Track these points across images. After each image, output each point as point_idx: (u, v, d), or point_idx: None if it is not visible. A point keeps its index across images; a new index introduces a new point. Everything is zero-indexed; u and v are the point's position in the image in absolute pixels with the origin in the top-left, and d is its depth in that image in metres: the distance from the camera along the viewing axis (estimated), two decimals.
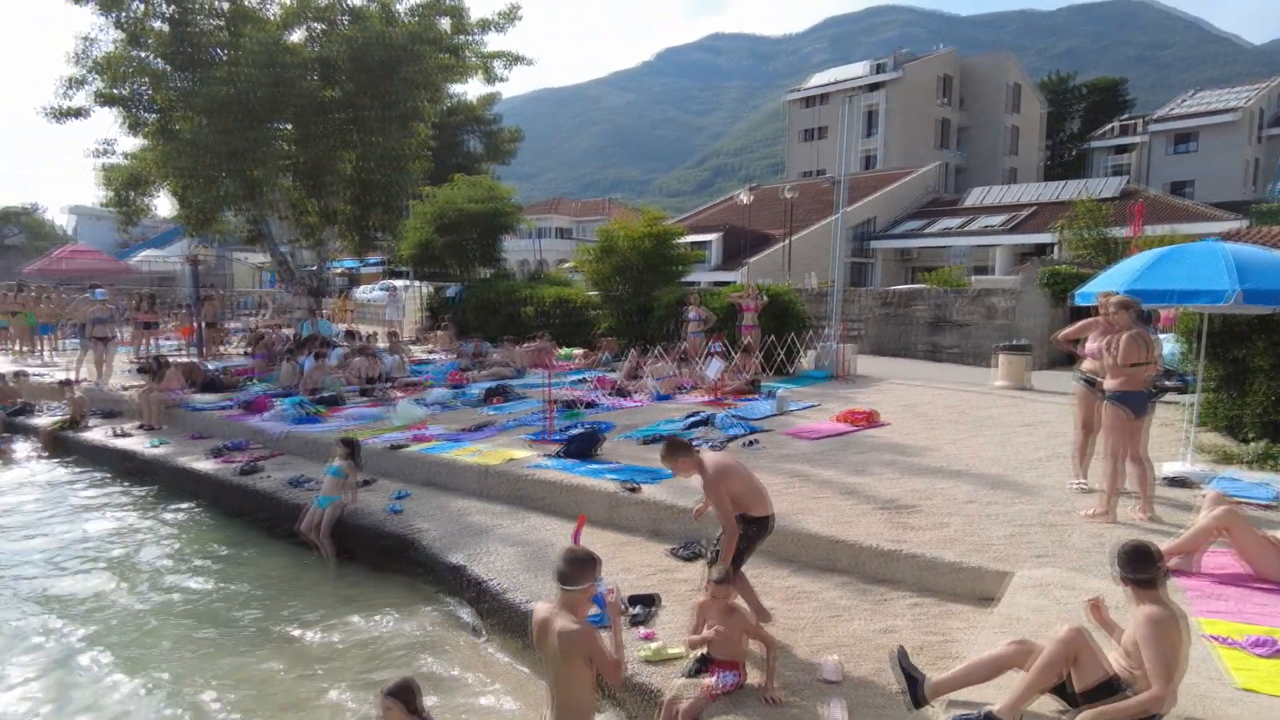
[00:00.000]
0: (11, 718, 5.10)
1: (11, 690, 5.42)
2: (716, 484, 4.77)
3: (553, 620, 3.56)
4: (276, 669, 5.69)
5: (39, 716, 5.12)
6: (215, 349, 18.76)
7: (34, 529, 8.77)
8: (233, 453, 10.28)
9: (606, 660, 3.56)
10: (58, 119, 15.71)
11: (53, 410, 13.39)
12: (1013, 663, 3.76)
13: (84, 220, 60.83)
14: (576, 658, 3.51)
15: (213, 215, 17.47)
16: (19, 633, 6.27)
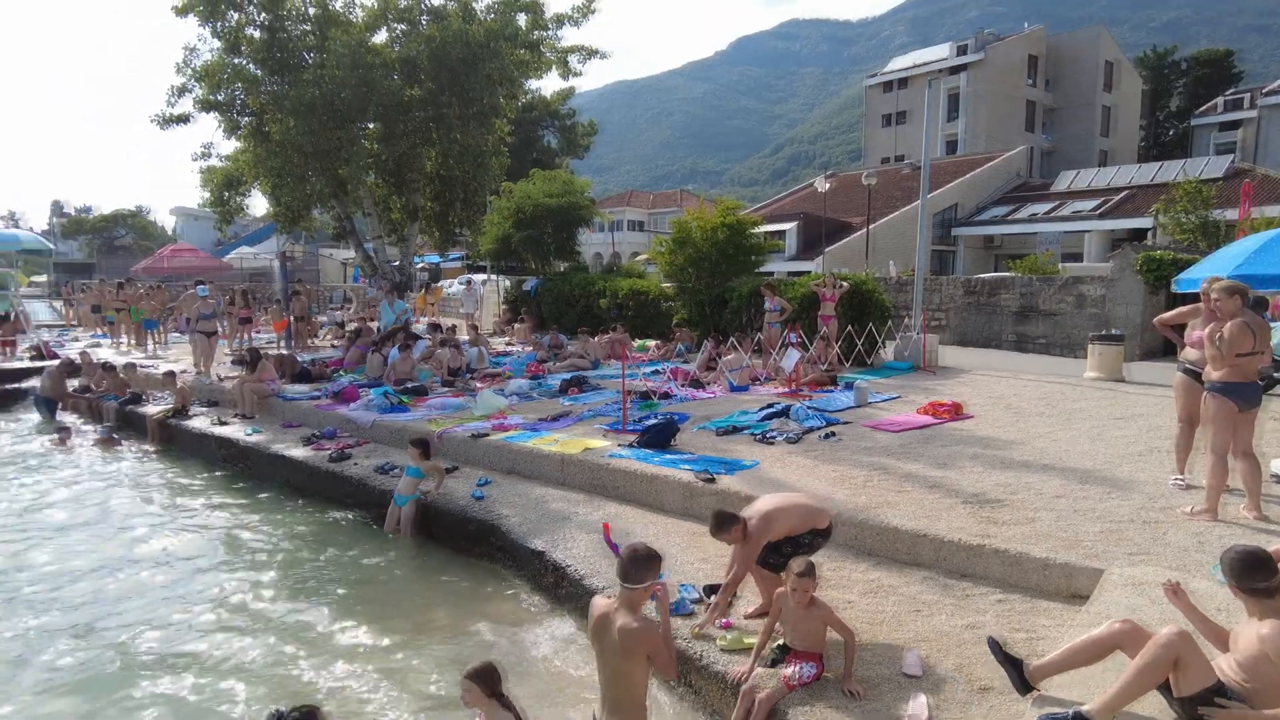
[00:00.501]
0: (136, 667, 5.46)
1: (138, 648, 5.81)
2: (748, 558, 4.84)
3: (614, 616, 3.59)
4: (362, 646, 5.93)
5: (167, 671, 5.48)
6: (306, 342, 19.57)
7: (137, 515, 9.35)
8: (324, 440, 10.73)
9: (664, 657, 3.59)
10: (164, 126, 16.64)
11: (160, 399, 14.22)
12: (1119, 643, 3.57)
13: (186, 220, 64.20)
14: (638, 654, 3.54)
15: (303, 213, 18.22)
16: (140, 594, 6.71)
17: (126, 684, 5.47)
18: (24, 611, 6.60)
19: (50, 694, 5.36)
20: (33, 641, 6.08)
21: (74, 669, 5.68)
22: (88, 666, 5.71)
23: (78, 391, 15.30)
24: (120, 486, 10.40)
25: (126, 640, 6.07)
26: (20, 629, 6.28)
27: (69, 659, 5.81)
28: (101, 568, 7.51)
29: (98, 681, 5.51)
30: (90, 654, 5.87)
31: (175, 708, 5.18)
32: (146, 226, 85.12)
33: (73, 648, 5.97)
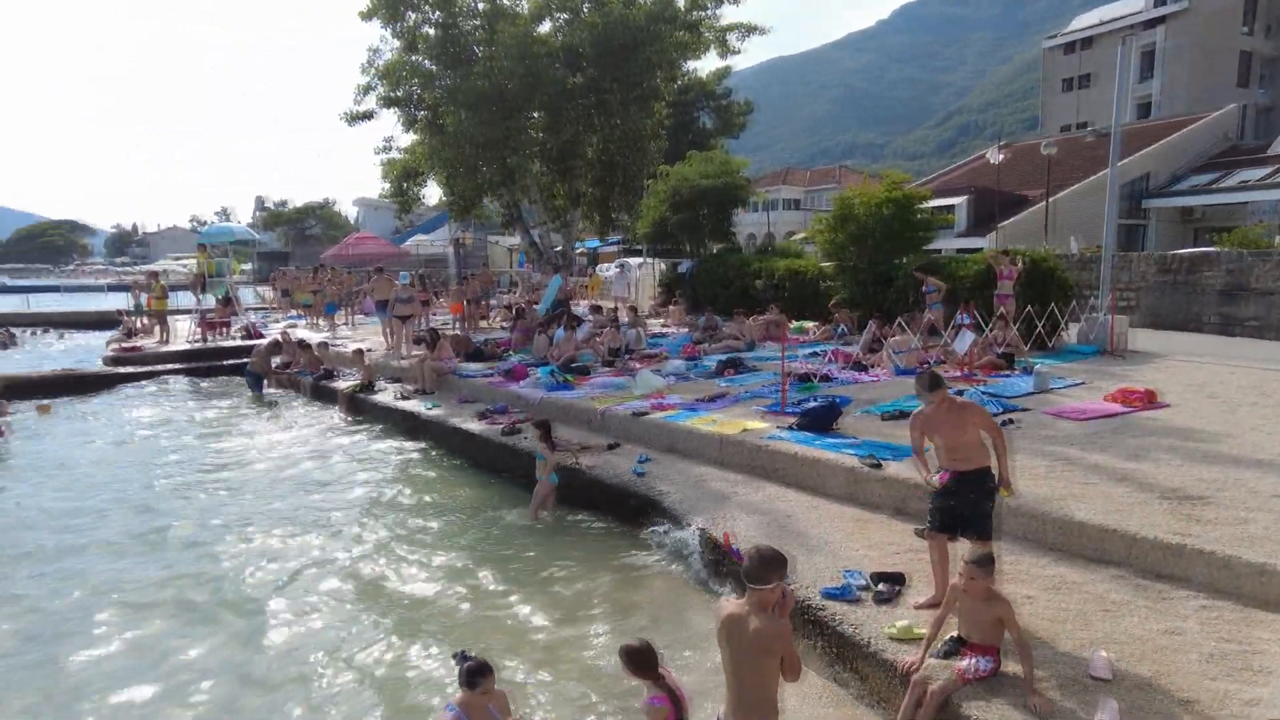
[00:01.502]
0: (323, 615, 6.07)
1: (331, 602, 6.45)
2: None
3: (746, 618, 3.57)
4: (523, 612, 6.27)
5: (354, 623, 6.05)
6: (478, 323, 20.70)
7: (326, 476, 10.28)
8: (496, 415, 11.35)
9: (795, 659, 3.56)
10: (351, 122, 18.06)
11: (349, 375, 15.52)
12: None
13: (368, 210, 69.22)
14: (773, 654, 3.52)
15: (474, 201, 19.24)
16: (332, 555, 7.42)
17: (327, 621, 6.07)
18: (253, 542, 7.46)
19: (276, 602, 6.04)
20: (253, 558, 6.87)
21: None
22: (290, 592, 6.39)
23: (280, 367, 16.97)
24: (321, 454, 11.48)
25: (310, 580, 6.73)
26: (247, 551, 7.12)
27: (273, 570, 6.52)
28: (299, 517, 8.36)
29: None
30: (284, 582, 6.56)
31: (361, 642, 5.70)
32: (333, 217, 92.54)
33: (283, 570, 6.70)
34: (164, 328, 21.70)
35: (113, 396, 16.21)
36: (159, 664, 5.65)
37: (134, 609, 6.51)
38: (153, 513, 8.91)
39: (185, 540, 8.05)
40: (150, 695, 5.25)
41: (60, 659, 5.73)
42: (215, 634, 6.08)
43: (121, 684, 5.39)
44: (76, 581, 7.02)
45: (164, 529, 8.36)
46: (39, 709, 5.15)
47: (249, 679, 5.45)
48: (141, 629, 6.18)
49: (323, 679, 5.39)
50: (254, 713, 5.05)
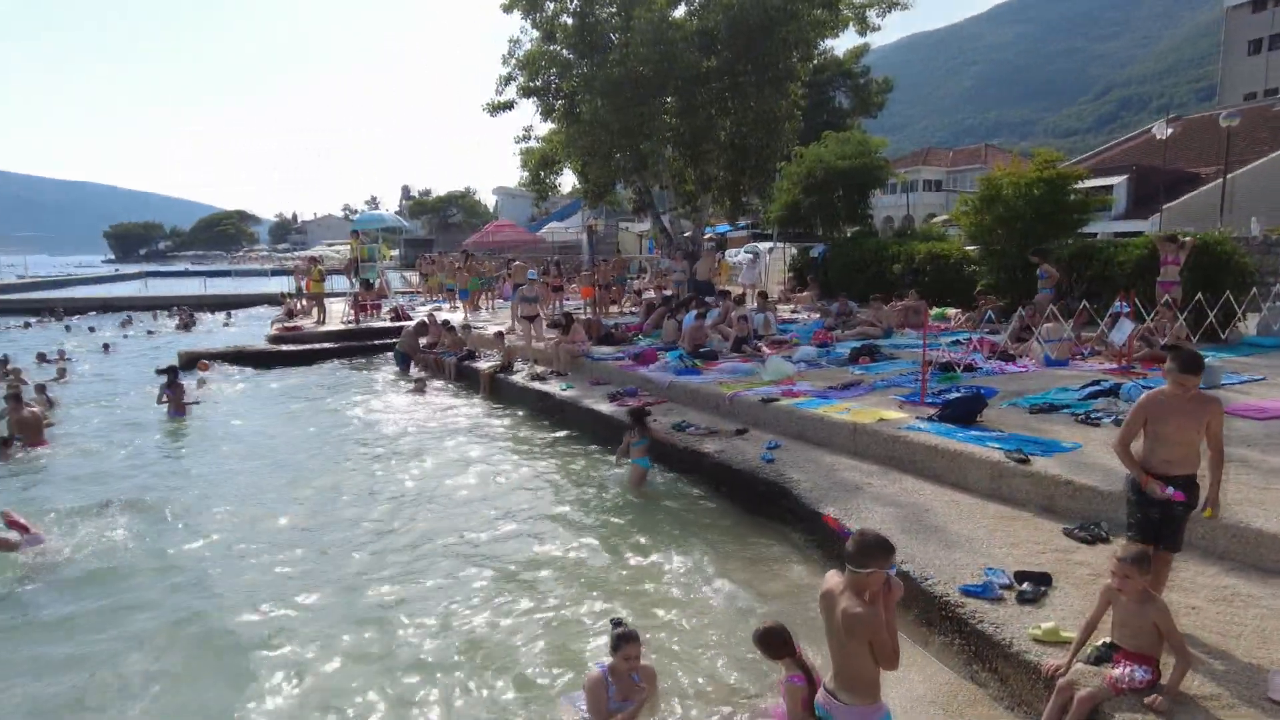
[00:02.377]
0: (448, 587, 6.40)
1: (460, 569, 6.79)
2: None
3: (838, 596, 3.55)
4: (658, 590, 6.36)
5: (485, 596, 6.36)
6: (608, 308, 21.08)
7: (470, 451, 10.76)
8: (626, 397, 11.55)
9: (886, 647, 3.47)
10: (493, 113, 18.72)
11: (489, 356, 16.20)
12: None
13: (505, 199, 71.70)
14: (858, 638, 3.48)
15: (607, 188, 19.56)
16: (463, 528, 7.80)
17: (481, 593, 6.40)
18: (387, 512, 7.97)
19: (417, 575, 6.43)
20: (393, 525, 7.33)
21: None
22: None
23: (425, 348, 17.90)
24: (463, 430, 12.06)
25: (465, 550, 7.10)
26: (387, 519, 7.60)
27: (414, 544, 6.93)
28: (441, 490, 8.82)
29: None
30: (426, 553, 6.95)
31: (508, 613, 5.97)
32: (473, 205, 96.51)
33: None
34: (321, 309, 23.34)
35: (276, 371, 17.64)
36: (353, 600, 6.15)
37: (343, 566, 7.10)
38: (308, 477, 9.67)
39: (342, 502, 8.68)
40: (361, 631, 5.72)
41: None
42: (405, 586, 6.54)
43: (356, 626, 5.90)
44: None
45: (323, 491, 9.05)
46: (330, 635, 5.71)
47: (448, 625, 5.83)
48: (348, 582, 6.73)
49: (477, 622, 5.70)
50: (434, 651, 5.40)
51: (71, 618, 6.24)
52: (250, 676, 5.33)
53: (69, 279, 61.19)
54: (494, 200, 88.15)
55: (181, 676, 5.40)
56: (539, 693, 5.01)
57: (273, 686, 5.22)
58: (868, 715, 3.64)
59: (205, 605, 6.41)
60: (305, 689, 5.18)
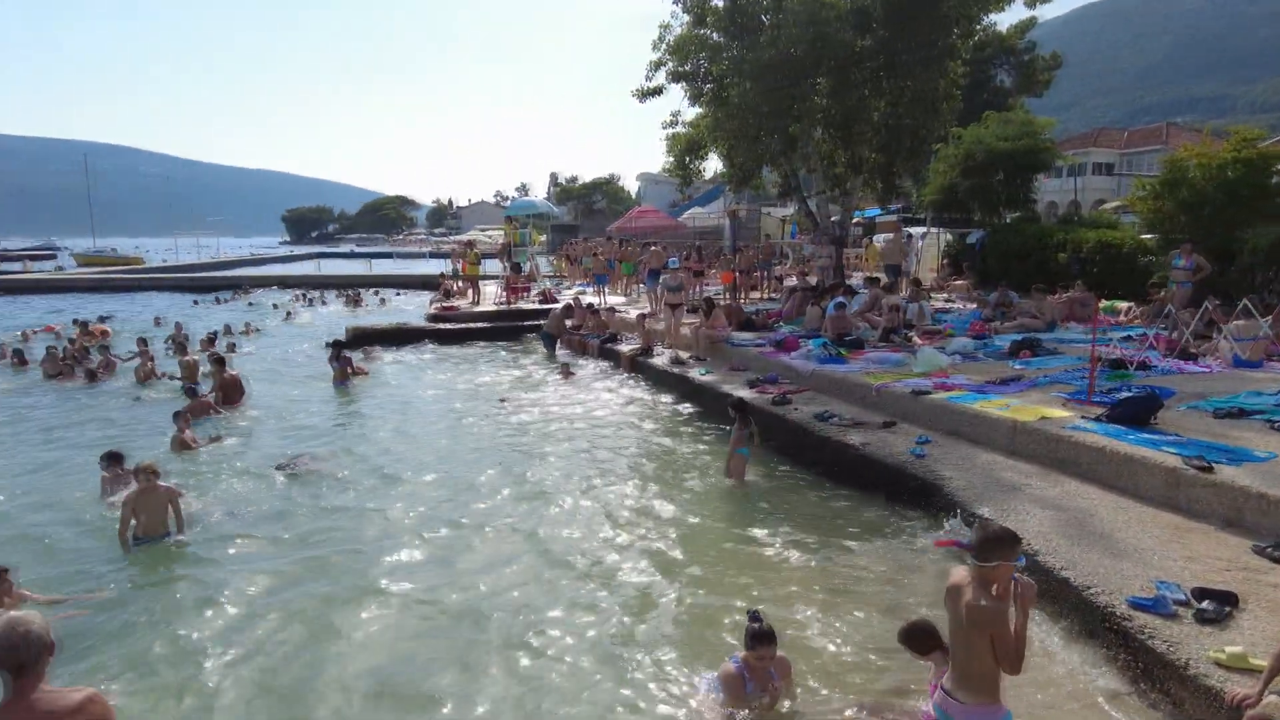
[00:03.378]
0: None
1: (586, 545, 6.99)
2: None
3: (964, 589, 3.46)
4: (783, 580, 6.30)
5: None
6: (749, 293, 20.94)
7: (609, 431, 11.01)
8: (766, 385, 11.47)
9: (1008, 647, 3.33)
10: (643, 99, 18.94)
11: (631, 340, 16.51)
12: None
13: (648, 184, 72.38)
14: (980, 631, 3.39)
15: (753, 172, 19.37)
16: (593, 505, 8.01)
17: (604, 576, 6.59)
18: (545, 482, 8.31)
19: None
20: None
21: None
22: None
23: (571, 330, 18.45)
24: (604, 410, 12.38)
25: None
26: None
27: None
28: (594, 467, 9.11)
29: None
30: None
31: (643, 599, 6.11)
32: (617, 191, 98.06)
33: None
34: (475, 291, 24.50)
35: (433, 348, 18.73)
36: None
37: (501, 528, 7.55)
38: (458, 449, 10.24)
39: (485, 476, 9.13)
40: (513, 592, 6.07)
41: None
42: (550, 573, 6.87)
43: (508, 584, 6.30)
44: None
45: (470, 463, 9.56)
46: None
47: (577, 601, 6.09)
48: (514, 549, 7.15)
49: (619, 602, 5.88)
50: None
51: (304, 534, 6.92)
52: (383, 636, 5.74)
53: (253, 259, 67.27)
54: (637, 186, 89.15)
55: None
56: (673, 676, 5.08)
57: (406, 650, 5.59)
58: (987, 716, 3.51)
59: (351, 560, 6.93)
60: (429, 662, 5.40)
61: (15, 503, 8.58)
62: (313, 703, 4.92)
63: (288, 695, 5.00)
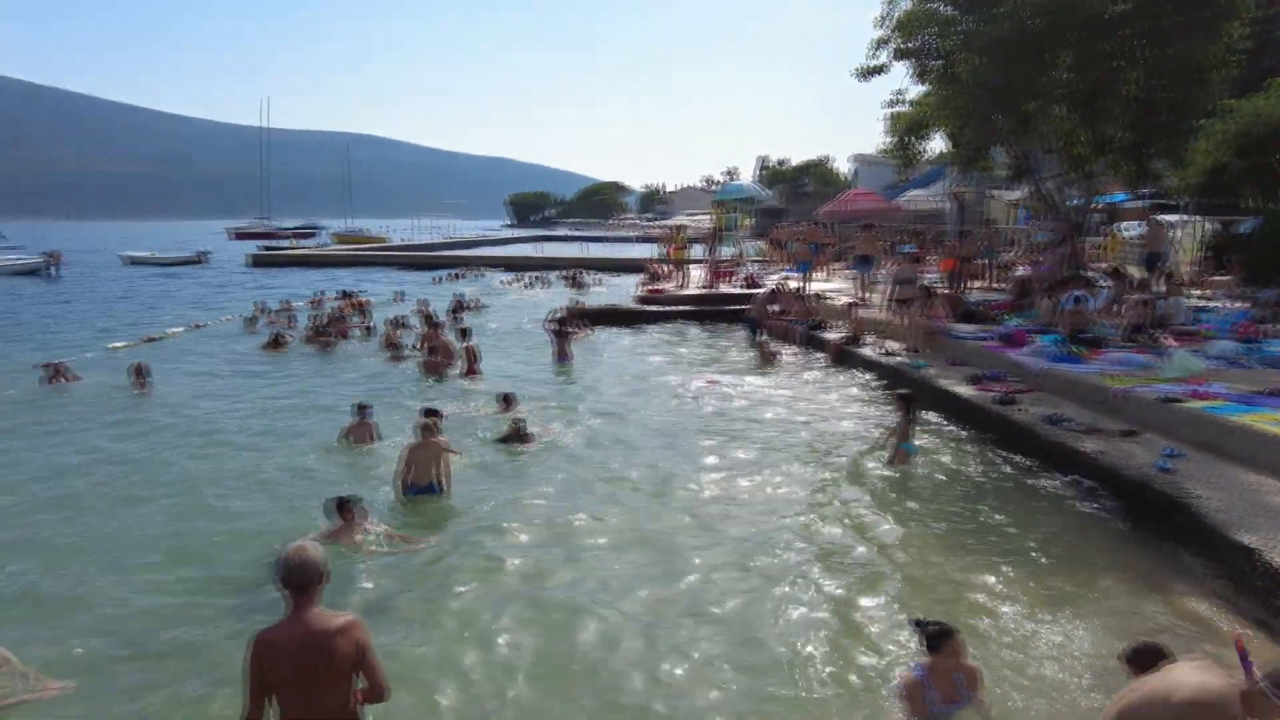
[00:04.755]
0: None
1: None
2: None
3: (1227, 705, 2.98)
4: (1015, 591, 5.89)
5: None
6: (970, 283, 19.64)
7: (808, 420, 10.81)
8: (989, 382, 10.75)
9: None
10: (864, 78, 18.20)
11: (838, 327, 16.09)
12: None
13: (863, 167, 69.66)
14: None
15: (981, 153, 18.08)
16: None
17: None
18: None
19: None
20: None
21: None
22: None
23: (775, 315, 18.27)
24: (805, 399, 12.19)
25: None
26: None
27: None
28: (783, 455, 9.03)
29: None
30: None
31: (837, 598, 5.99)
32: (827, 174, 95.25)
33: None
34: (683, 274, 24.94)
35: (641, 328, 19.34)
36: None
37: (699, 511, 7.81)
38: (663, 427, 10.52)
39: (683, 459, 9.32)
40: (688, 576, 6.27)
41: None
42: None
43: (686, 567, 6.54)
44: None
45: (671, 441, 9.80)
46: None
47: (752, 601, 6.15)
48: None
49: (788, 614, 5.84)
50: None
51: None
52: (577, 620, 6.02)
53: (481, 240, 72.73)
54: (849, 168, 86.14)
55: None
56: (853, 683, 4.94)
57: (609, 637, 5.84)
58: None
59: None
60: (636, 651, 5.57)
61: (291, 442, 9.95)
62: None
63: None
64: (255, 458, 9.48)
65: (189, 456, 9.52)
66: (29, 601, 6.00)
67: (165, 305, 27.41)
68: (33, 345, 17.92)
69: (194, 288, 33.95)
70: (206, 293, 31.97)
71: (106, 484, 8.54)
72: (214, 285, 35.15)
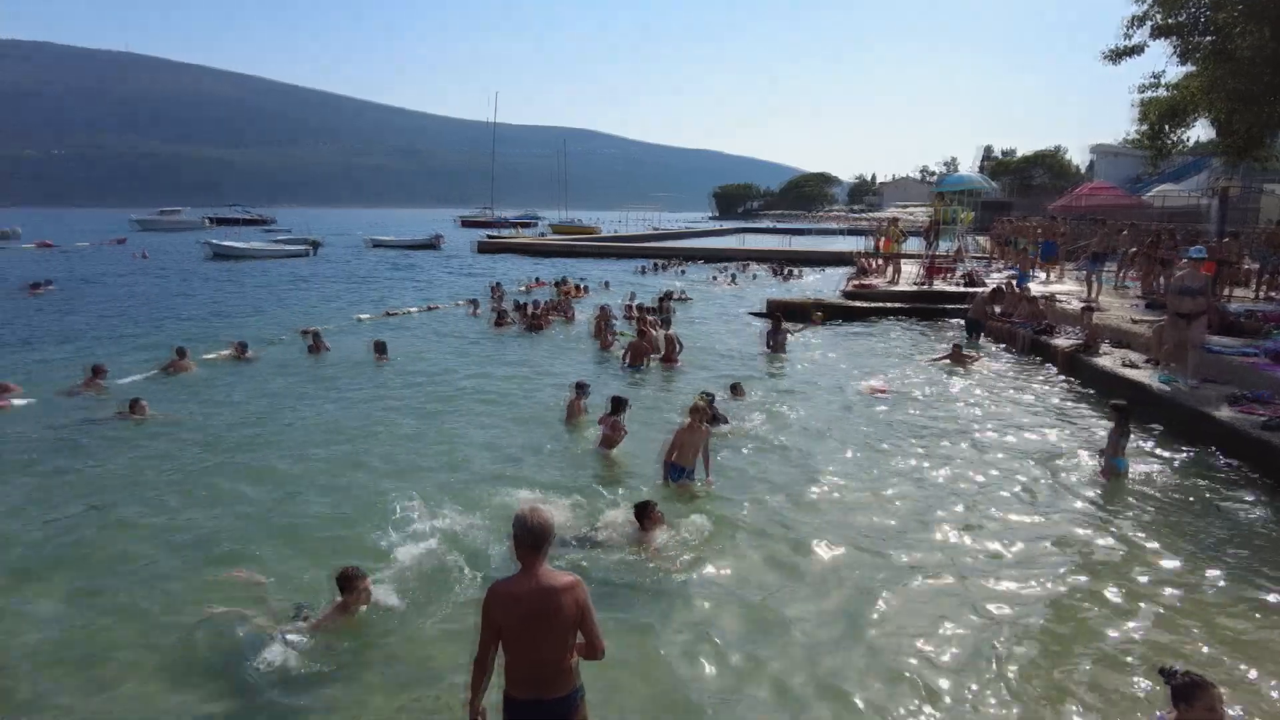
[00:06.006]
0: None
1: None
2: None
3: None
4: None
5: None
6: (1231, 290, 17.26)
7: (1039, 438, 9.97)
8: (1253, 404, 9.43)
9: None
10: (1115, 60, 16.47)
11: (1070, 333, 14.73)
12: None
13: (1102, 158, 63.16)
14: None
15: (1258, 140, 15.80)
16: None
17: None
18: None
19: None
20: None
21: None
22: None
23: (998, 316, 17.05)
24: (1033, 412, 11.32)
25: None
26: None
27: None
28: (1002, 478, 8.43)
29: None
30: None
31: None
32: (1061, 166, 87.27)
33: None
34: (895, 269, 23.93)
35: (849, 324, 18.81)
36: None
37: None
38: (881, 430, 10.18)
39: (902, 474, 8.96)
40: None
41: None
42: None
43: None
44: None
45: (882, 449, 9.47)
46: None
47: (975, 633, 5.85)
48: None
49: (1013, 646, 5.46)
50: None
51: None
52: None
53: (685, 232, 73.89)
54: (1087, 159, 78.33)
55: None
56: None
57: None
58: None
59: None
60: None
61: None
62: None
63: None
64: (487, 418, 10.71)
65: (418, 415, 10.69)
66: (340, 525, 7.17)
67: (404, 284, 30.40)
68: (297, 313, 20.80)
69: (428, 269, 37.30)
70: (438, 274, 35.07)
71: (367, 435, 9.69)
72: (445, 268, 38.41)
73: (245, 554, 6.56)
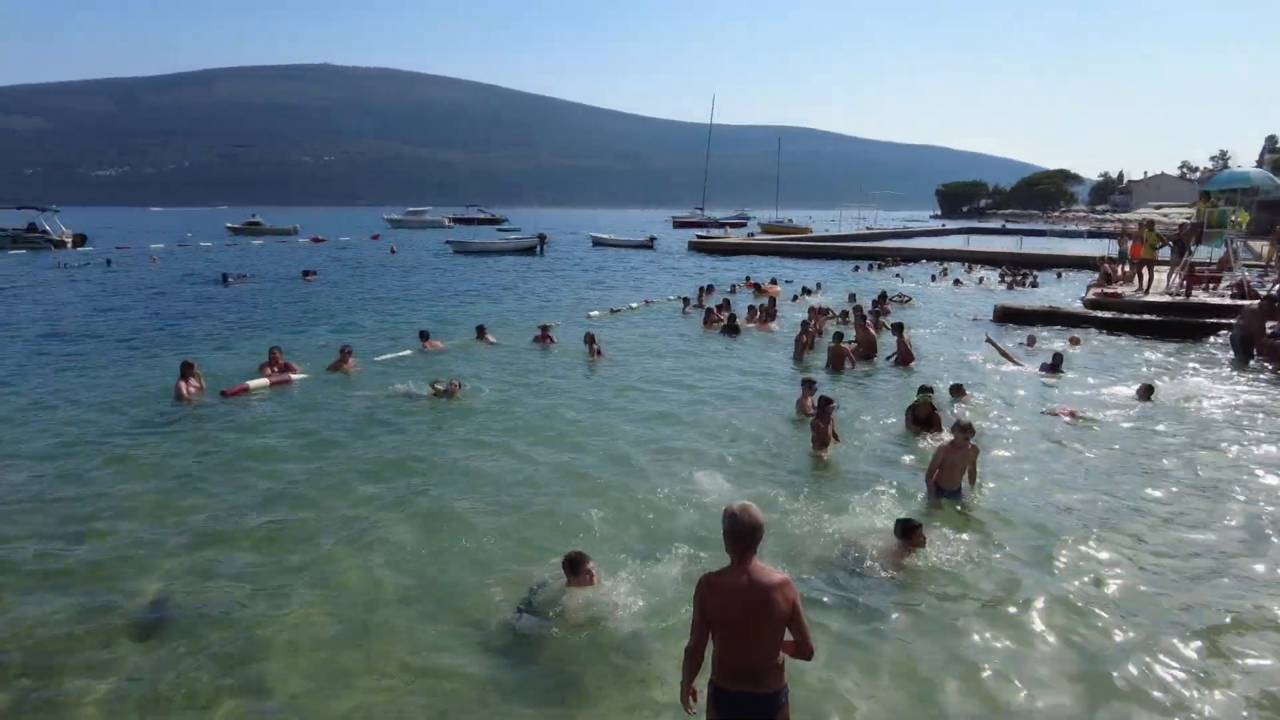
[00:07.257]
0: None
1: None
2: None
3: None
4: None
5: None
6: None
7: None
8: None
9: None
10: None
11: None
12: None
13: None
14: None
15: None
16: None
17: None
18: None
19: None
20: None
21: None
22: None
23: (1273, 334, 14.89)
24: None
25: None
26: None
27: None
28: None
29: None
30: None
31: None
32: None
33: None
34: (1146, 277, 21.55)
35: (1089, 336, 17.22)
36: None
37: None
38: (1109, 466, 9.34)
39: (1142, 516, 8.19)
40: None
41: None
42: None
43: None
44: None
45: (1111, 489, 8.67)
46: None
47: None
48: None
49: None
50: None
51: None
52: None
53: (904, 231, 70.79)
54: None
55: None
56: None
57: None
58: None
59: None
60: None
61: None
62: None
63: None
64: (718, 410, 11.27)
65: (626, 414, 11.22)
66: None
67: (625, 281, 31.79)
68: (532, 307, 22.56)
69: (644, 267, 38.63)
70: (652, 272, 36.25)
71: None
72: (660, 266, 39.57)
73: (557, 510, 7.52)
